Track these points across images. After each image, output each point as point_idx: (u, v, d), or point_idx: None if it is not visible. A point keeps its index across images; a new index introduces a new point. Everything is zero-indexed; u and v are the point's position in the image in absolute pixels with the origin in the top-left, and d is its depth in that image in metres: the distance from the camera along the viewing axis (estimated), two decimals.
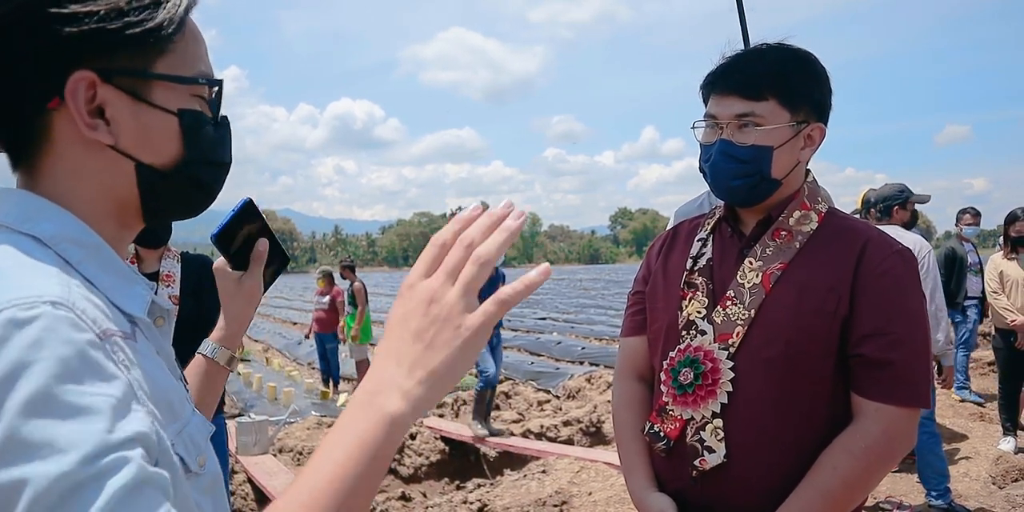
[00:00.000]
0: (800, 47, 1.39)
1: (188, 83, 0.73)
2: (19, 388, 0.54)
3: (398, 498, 5.21)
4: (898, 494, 4.32)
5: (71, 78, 0.66)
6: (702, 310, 1.39)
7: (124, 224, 0.76)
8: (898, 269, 1.31)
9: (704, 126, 1.41)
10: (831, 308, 1.29)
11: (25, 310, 0.57)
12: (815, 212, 1.38)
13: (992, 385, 6.65)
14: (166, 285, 2.63)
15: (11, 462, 0.53)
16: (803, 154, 1.39)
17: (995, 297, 5.11)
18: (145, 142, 0.72)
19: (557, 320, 17.73)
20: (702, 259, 1.45)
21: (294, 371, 11.42)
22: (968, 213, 6.40)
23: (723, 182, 1.38)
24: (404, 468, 6.03)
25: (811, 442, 1.30)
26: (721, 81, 1.37)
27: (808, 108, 1.36)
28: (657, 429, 1.41)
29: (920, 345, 1.30)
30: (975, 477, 4.59)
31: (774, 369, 1.30)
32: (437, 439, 6.39)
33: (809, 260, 1.33)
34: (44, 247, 0.67)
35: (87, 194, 0.71)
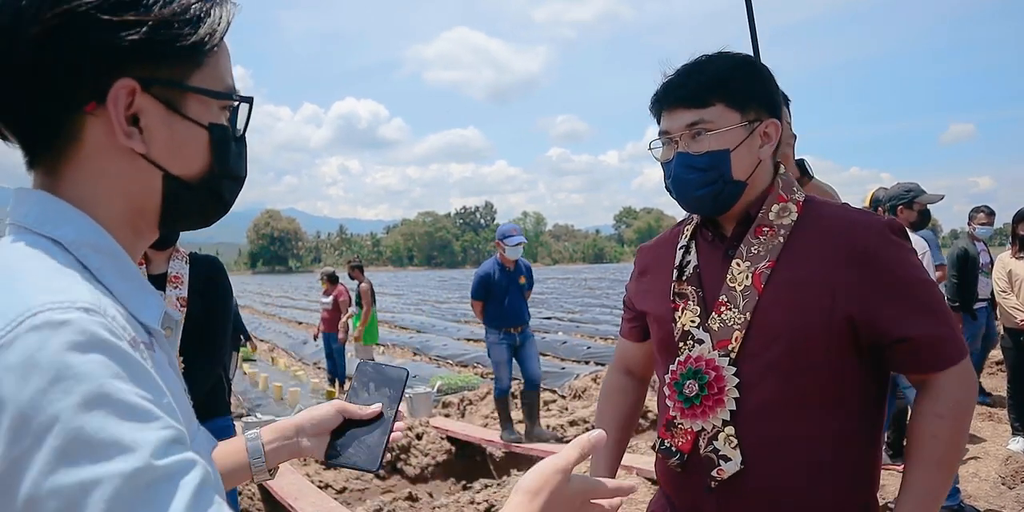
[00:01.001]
0: (741, 53, 1.41)
1: (222, 98, 0.75)
2: (73, 389, 0.55)
3: (405, 498, 5.21)
4: None
5: (115, 85, 0.67)
6: (696, 319, 1.37)
7: (139, 232, 0.76)
8: (886, 241, 1.30)
9: (660, 145, 1.41)
10: (828, 301, 1.27)
11: (60, 313, 0.58)
12: (793, 202, 1.37)
13: (1001, 385, 6.61)
14: (174, 286, 2.62)
15: (79, 462, 0.53)
16: (763, 152, 1.37)
17: (1004, 296, 5.09)
18: (175, 153, 0.73)
19: (562, 320, 17.72)
20: (688, 267, 1.44)
21: (300, 371, 11.44)
22: (982, 212, 6.12)
23: (688, 194, 1.37)
24: (410, 468, 6.03)
25: (827, 438, 1.30)
26: (667, 97, 1.38)
27: (757, 106, 1.36)
28: (668, 444, 1.40)
29: (938, 298, 1.32)
30: (984, 477, 4.57)
31: (779, 369, 1.29)
32: (443, 439, 6.39)
33: (797, 254, 1.32)
34: (65, 252, 0.67)
35: (109, 199, 0.71)
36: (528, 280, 6.34)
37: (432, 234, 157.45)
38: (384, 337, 13.55)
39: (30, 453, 0.53)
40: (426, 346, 13.36)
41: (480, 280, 6.15)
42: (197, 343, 2.61)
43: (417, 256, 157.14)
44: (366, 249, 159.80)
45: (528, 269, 6.41)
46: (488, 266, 6.26)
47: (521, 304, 6.25)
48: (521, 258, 6.34)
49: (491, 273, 6.18)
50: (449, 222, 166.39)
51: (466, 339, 14.72)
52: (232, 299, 2.91)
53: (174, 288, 2.62)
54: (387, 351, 13.44)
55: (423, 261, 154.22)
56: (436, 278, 69.69)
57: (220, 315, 2.71)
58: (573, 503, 0.75)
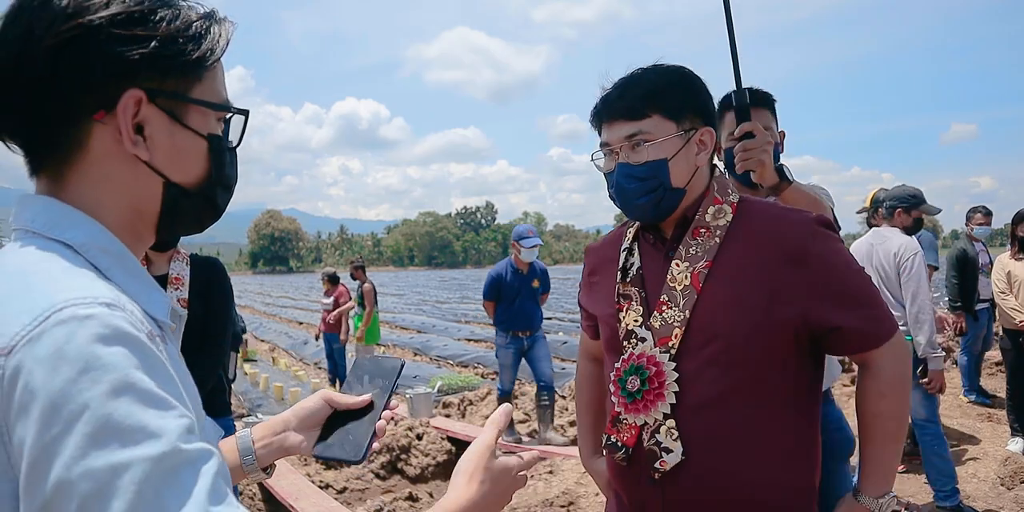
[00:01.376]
0: (675, 65, 1.47)
1: (221, 110, 0.80)
2: (101, 379, 0.59)
3: (405, 498, 5.22)
4: (905, 495, 4.31)
5: (125, 95, 0.71)
6: (639, 319, 1.44)
7: (139, 236, 0.79)
8: (816, 235, 1.38)
9: (602, 157, 1.48)
10: (764, 296, 1.34)
11: (84, 308, 0.62)
12: (728, 204, 1.44)
13: (1000, 386, 6.62)
14: (175, 288, 2.63)
15: (109, 446, 0.57)
16: (699, 159, 1.45)
17: (1003, 297, 5.09)
18: (176, 161, 0.77)
19: (563, 320, 17.72)
20: (632, 269, 1.50)
21: (300, 371, 11.45)
22: (979, 212, 6.17)
23: (631, 202, 1.44)
24: (411, 468, 6.04)
25: (764, 427, 1.36)
26: (606, 110, 1.44)
27: (692, 115, 1.42)
28: (614, 440, 1.46)
29: (868, 287, 1.41)
30: (983, 478, 4.58)
31: (716, 364, 1.35)
32: (444, 439, 6.39)
33: (733, 253, 1.39)
34: (76, 253, 0.70)
35: (112, 204, 0.75)
36: (543, 283, 6.24)
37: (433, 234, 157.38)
38: (385, 337, 13.57)
39: (61, 439, 0.57)
40: (427, 346, 13.37)
41: (491, 281, 6.07)
42: (197, 344, 2.62)
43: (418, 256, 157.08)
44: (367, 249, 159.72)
45: (543, 272, 6.30)
46: (500, 267, 6.20)
47: (533, 308, 6.15)
48: (537, 260, 6.23)
49: (503, 274, 6.11)
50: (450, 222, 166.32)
51: (467, 339, 14.73)
52: (232, 300, 2.92)
53: (175, 289, 2.63)
54: (388, 351, 13.44)
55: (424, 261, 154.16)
56: (437, 278, 69.69)
57: (220, 316, 2.72)
58: (503, 476, 0.90)
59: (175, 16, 0.74)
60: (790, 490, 1.39)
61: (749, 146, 1.80)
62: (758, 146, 1.79)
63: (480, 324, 18.02)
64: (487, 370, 10.72)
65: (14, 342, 0.60)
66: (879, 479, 1.42)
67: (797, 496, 1.40)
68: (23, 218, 0.73)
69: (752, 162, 1.81)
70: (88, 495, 0.56)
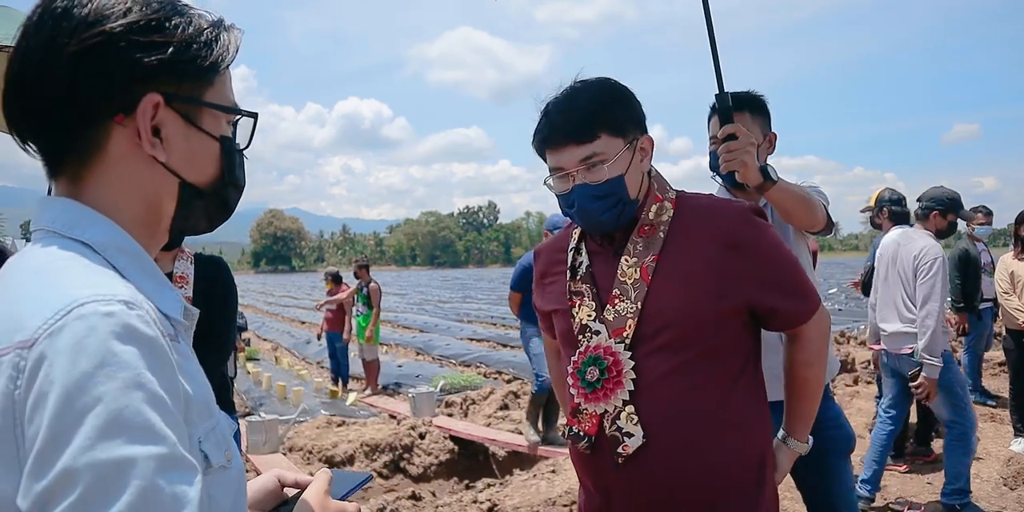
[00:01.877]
0: (597, 77, 1.52)
1: (232, 113, 0.83)
2: (116, 375, 0.60)
3: (408, 497, 5.22)
4: (908, 494, 4.31)
5: (144, 98, 0.74)
6: (592, 313, 1.51)
7: (153, 235, 0.81)
8: (750, 224, 1.49)
9: (555, 179, 1.51)
10: (710, 282, 1.44)
11: (104, 305, 0.64)
12: (668, 201, 1.53)
13: (1003, 386, 6.61)
14: (179, 286, 2.64)
15: (117, 441, 0.58)
16: (644, 165, 1.53)
17: (1006, 298, 5.08)
18: (191, 162, 0.80)
19: None
20: (581, 267, 1.57)
21: (303, 370, 11.45)
22: (980, 212, 6.18)
23: (594, 219, 1.49)
24: (413, 467, 6.05)
25: (717, 403, 1.45)
26: (552, 135, 1.48)
27: (632, 127, 1.49)
28: (576, 430, 1.52)
29: (797, 269, 1.54)
30: (986, 478, 4.57)
31: (669, 349, 1.44)
32: (446, 438, 6.40)
33: (677, 246, 1.48)
34: (95, 253, 0.73)
35: (129, 204, 0.77)
36: None
37: (435, 234, 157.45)
38: (387, 337, 13.58)
39: (72, 429, 0.58)
40: (429, 346, 13.38)
41: (522, 271, 5.96)
42: (201, 342, 2.62)
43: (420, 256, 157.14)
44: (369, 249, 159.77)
45: None
46: (531, 257, 6.14)
47: None
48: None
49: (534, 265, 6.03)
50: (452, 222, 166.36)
51: (469, 339, 14.74)
52: (236, 299, 2.92)
53: (179, 288, 2.63)
54: (390, 351, 13.47)
55: (426, 261, 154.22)
56: (439, 278, 69.72)
57: (224, 315, 2.73)
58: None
59: (188, 23, 0.77)
60: (748, 462, 1.50)
61: (732, 148, 1.85)
62: (741, 148, 1.84)
63: (483, 324, 18.02)
64: (489, 370, 10.73)
65: (36, 335, 0.62)
66: (804, 427, 1.65)
67: (754, 467, 1.51)
68: (44, 219, 0.75)
69: (735, 163, 1.86)
70: (91, 486, 0.57)
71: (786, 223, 2.15)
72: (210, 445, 0.73)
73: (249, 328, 17.77)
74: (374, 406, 8.31)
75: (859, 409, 6.31)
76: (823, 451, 1.79)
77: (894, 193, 5.29)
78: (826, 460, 2.17)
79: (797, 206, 2.00)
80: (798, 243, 2.26)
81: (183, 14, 0.78)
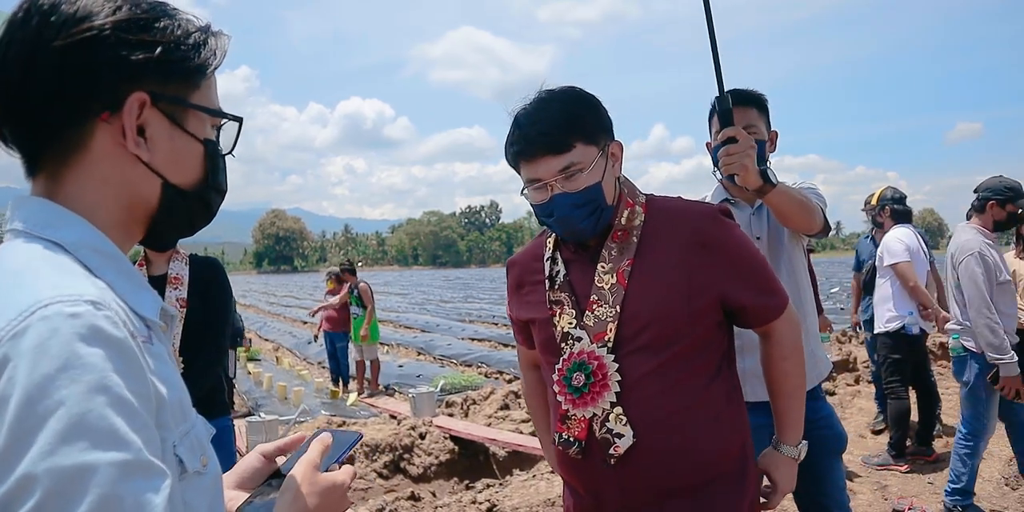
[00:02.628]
0: (562, 86, 1.52)
1: (217, 116, 0.83)
2: (80, 378, 0.59)
3: (407, 498, 5.21)
4: (910, 495, 4.29)
5: (131, 96, 0.74)
6: (572, 321, 1.53)
7: (129, 234, 0.80)
8: (719, 224, 1.53)
9: (532, 190, 1.52)
10: (683, 282, 1.47)
11: (70, 306, 0.62)
12: (638, 205, 1.56)
13: None
14: (174, 287, 2.63)
15: (78, 446, 0.57)
16: (615, 171, 1.55)
17: None
18: (174, 163, 0.79)
19: None
20: (559, 277, 1.59)
21: (304, 370, 11.46)
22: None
23: (574, 227, 1.50)
24: (413, 467, 6.03)
25: (699, 397, 1.48)
26: (527, 148, 1.48)
27: (602, 134, 1.51)
28: (566, 436, 1.53)
29: (764, 267, 1.58)
30: (988, 478, 4.56)
31: (651, 350, 1.46)
32: (446, 438, 6.39)
33: (650, 249, 1.51)
34: (66, 253, 0.71)
35: (107, 204, 0.76)
36: None
37: (437, 233, 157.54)
38: (388, 336, 13.58)
39: (33, 433, 0.57)
40: (430, 345, 13.37)
41: None
42: (197, 343, 2.62)
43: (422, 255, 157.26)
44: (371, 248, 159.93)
45: None
46: None
47: None
48: None
49: None
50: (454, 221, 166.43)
51: (470, 339, 14.73)
52: (232, 300, 2.91)
53: (174, 289, 2.62)
54: (391, 350, 13.46)
55: (428, 260, 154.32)
56: (441, 277, 69.77)
57: (219, 315, 2.72)
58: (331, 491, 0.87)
59: (177, 25, 0.78)
60: (730, 452, 1.53)
61: (732, 151, 1.84)
62: (741, 151, 1.83)
63: (484, 323, 18.02)
64: (490, 369, 10.72)
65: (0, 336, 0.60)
66: (794, 430, 1.63)
67: (737, 458, 1.55)
68: (16, 219, 0.74)
69: (735, 166, 1.85)
70: (50, 493, 0.55)
71: (783, 226, 2.14)
72: (185, 450, 0.71)
73: (251, 328, 17.80)
74: (374, 406, 8.31)
75: (860, 409, 6.30)
76: (814, 451, 1.78)
77: (896, 191, 5.28)
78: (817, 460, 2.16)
79: (795, 209, 2.00)
80: (793, 246, 2.25)
81: (172, 16, 0.78)
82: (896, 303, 4.84)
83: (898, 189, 5.35)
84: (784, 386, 1.63)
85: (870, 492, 4.38)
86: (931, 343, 7.72)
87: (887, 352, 4.93)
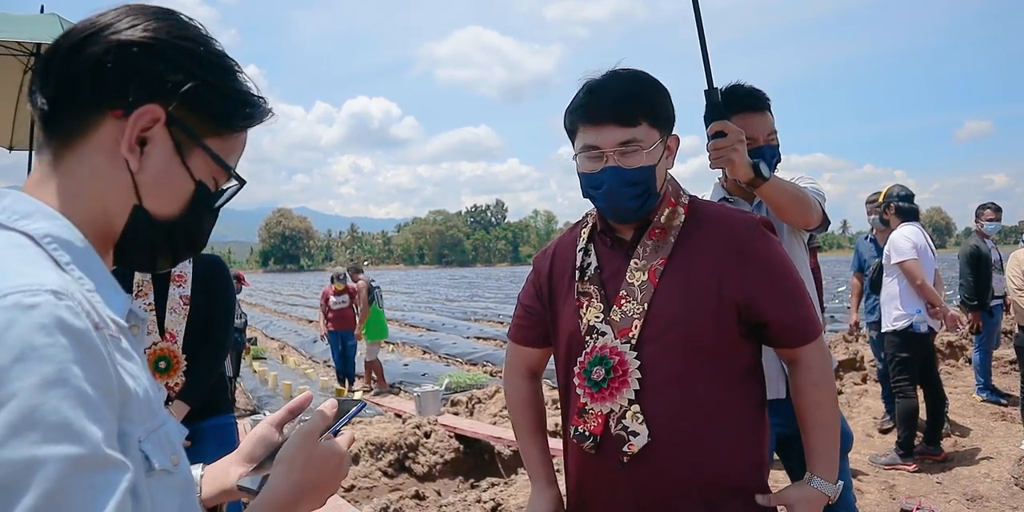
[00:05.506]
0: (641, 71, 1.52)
1: (222, 166, 0.83)
2: (34, 370, 0.58)
3: (412, 497, 5.20)
4: (918, 494, 4.26)
5: (149, 105, 0.75)
6: (599, 314, 1.51)
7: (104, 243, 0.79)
8: (760, 236, 1.50)
9: (585, 156, 1.49)
10: (715, 288, 1.45)
11: (30, 297, 0.61)
12: (680, 206, 1.54)
13: (1014, 384, 6.54)
14: (177, 285, 2.62)
15: (29, 439, 0.56)
16: (669, 163, 1.54)
17: (1019, 294, 5.02)
18: (158, 188, 0.79)
19: None
20: (589, 269, 1.57)
21: (309, 369, 11.47)
22: (988, 208, 6.17)
23: (620, 204, 1.48)
24: (418, 466, 6.02)
25: (719, 405, 1.46)
26: (596, 111, 1.46)
27: (666, 123, 1.49)
28: (582, 430, 1.52)
29: (801, 288, 1.54)
30: (997, 478, 4.52)
31: (675, 351, 1.44)
32: (451, 437, 6.37)
33: (686, 250, 1.49)
34: (35, 245, 0.70)
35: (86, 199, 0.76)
36: None
37: (443, 232, 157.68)
38: (394, 335, 13.57)
39: None
40: (435, 344, 13.37)
41: None
42: (200, 341, 2.61)
43: (428, 254, 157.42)
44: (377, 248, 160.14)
45: None
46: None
47: None
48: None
49: None
50: (460, 220, 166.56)
51: (475, 337, 14.72)
52: (235, 297, 2.91)
53: (177, 287, 2.62)
54: (397, 349, 13.47)
55: (434, 259, 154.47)
56: (447, 276, 69.81)
57: (223, 313, 2.72)
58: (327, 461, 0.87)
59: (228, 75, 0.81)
60: (747, 464, 1.50)
61: (719, 145, 1.84)
62: (728, 145, 1.83)
63: (489, 322, 18.01)
64: (495, 368, 10.71)
65: None
66: (830, 464, 1.52)
67: (753, 470, 1.51)
68: None
69: (723, 160, 1.85)
70: None
71: (780, 221, 2.13)
72: (151, 447, 0.70)
73: (257, 327, 17.83)
74: (379, 405, 8.31)
75: (867, 408, 6.26)
76: None
77: (903, 189, 5.24)
78: None
79: (790, 203, 1.98)
80: (793, 242, 2.23)
81: (228, 68, 0.82)
82: (903, 301, 4.82)
83: (905, 187, 5.31)
84: (816, 417, 1.54)
85: (877, 491, 4.36)
86: (939, 342, 7.69)
87: (895, 350, 4.90)
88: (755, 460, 1.52)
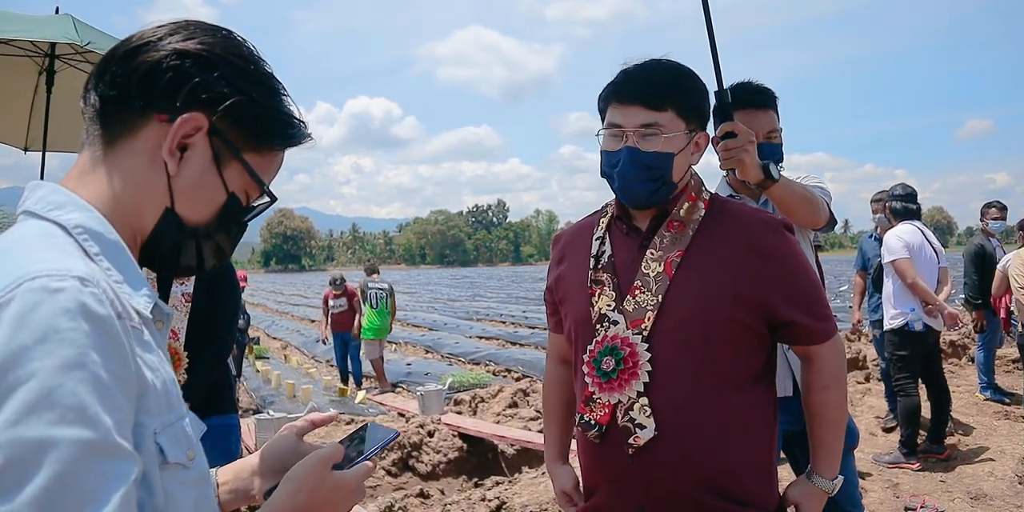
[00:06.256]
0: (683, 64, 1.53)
1: (256, 181, 0.85)
2: (55, 352, 0.59)
3: (416, 495, 5.21)
4: (921, 493, 4.26)
5: (194, 113, 0.78)
6: (611, 303, 1.51)
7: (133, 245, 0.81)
8: (780, 236, 1.50)
9: (608, 134, 1.51)
10: (730, 285, 1.44)
11: (56, 281, 0.62)
12: (701, 201, 1.54)
13: (1017, 383, 6.55)
14: (180, 282, 2.62)
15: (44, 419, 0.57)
16: (693, 159, 1.54)
17: (1022, 292, 5.02)
18: (191, 194, 0.81)
19: None
20: (604, 257, 1.57)
21: (312, 368, 11.48)
22: (994, 207, 6.14)
23: (631, 186, 1.49)
24: (422, 465, 6.03)
25: (729, 403, 1.45)
26: (626, 91, 1.48)
27: (697, 118, 1.51)
28: (588, 419, 1.52)
29: (818, 288, 1.55)
30: (1001, 476, 4.52)
31: (687, 344, 1.44)
32: (455, 436, 6.38)
33: (703, 244, 1.48)
34: (67, 234, 0.72)
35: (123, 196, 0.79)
36: None
37: (445, 232, 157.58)
38: (396, 335, 13.57)
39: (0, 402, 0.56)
40: (438, 344, 13.37)
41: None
42: (202, 339, 2.61)
43: (430, 254, 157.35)
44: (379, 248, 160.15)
45: None
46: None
47: None
48: None
49: None
50: (462, 220, 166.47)
51: (478, 337, 14.72)
52: (240, 297, 2.91)
53: (180, 284, 2.62)
54: (399, 349, 13.47)
55: (436, 259, 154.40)
56: (448, 276, 69.80)
57: (226, 311, 2.72)
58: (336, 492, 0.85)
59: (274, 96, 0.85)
60: (754, 466, 1.49)
61: (730, 145, 1.85)
62: (739, 145, 1.84)
63: (492, 322, 18.01)
64: (498, 368, 10.72)
65: None
66: (831, 462, 1.57)
67: (762, 474, 1.51)
68: (27, 202, 0.76)
69: (733, 161, 1.86)
70: (8, 462, 0.55)
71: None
72: (167, 439, 0.70)
73: (260, 327, 17.84)
74: (383, 404, 8.31)
75: (870, 407, 6.26)
76: None
77: (905, 188, 5.23)
78: None
79: (798, 203, 2.00)
80: (800, 242, 2.24)
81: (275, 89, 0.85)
82: (897, 300, 4.83)
83: (907, 185, 5.31)
84: (823, 416, 1.57)
85: (881, 490, 4.36)
86: (941, 341, 7.68)
87: (893, 349, 4.91)
88: (763, 465, 1.51)
